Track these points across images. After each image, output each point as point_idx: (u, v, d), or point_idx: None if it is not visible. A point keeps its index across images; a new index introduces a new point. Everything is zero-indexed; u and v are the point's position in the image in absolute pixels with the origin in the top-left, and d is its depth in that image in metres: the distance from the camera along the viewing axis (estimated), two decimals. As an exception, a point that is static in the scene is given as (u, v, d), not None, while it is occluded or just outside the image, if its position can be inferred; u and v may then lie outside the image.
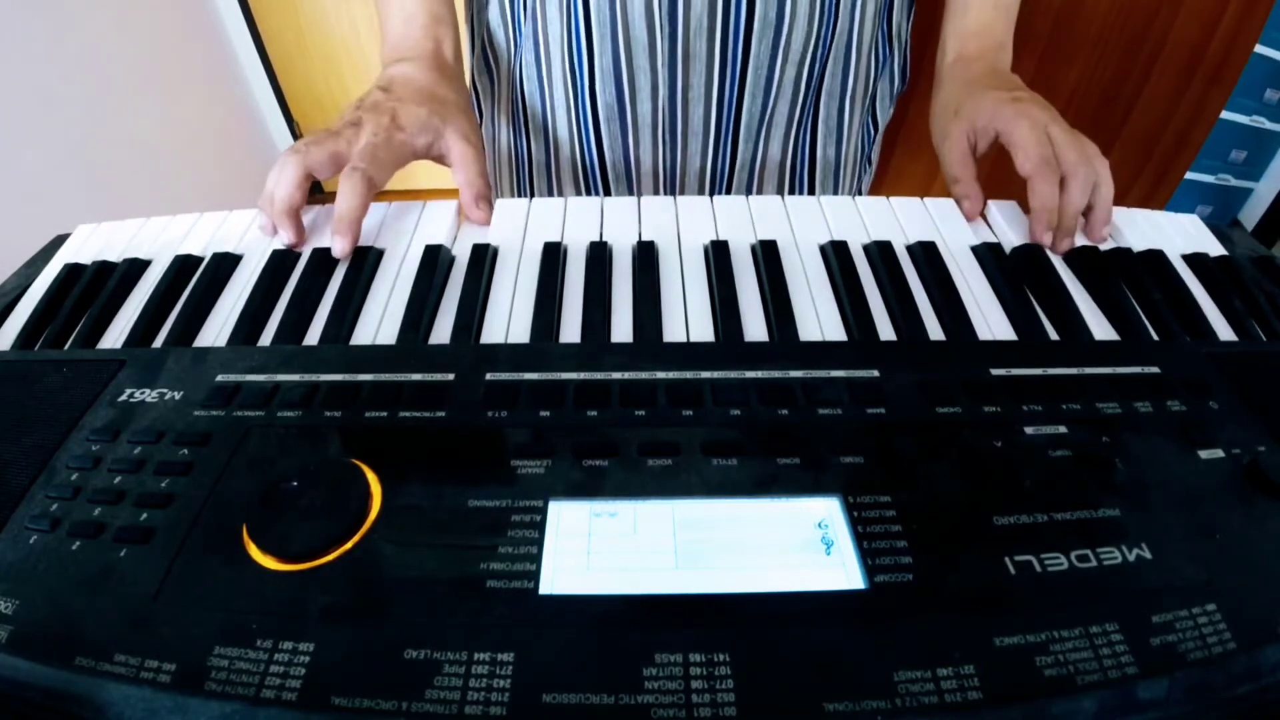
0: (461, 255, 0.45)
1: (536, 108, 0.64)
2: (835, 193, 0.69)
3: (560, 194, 0.68)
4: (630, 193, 0.66)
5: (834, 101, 0.63)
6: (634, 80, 0.58)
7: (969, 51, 0.56)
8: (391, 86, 0.51)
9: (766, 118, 0.61)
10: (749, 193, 0.66)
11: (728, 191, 0.66)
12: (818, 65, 0.60)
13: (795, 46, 0.57)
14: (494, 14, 0.62)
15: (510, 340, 0.39)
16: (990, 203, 0.49)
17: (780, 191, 0.66)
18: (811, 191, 0.67)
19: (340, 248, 0.44)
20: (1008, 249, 0.46)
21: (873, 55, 0.63)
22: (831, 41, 0.59)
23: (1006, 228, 0.47)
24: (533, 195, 0.69)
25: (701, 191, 0.65)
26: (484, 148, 0.53)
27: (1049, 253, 0.45)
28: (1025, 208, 0.49)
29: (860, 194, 0.74)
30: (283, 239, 0.46)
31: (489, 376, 0.34)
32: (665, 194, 0.65)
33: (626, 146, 0.63)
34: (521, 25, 0.61)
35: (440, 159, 0.51)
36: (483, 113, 0.71)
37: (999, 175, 0.53)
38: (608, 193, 0.66)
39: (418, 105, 0.50)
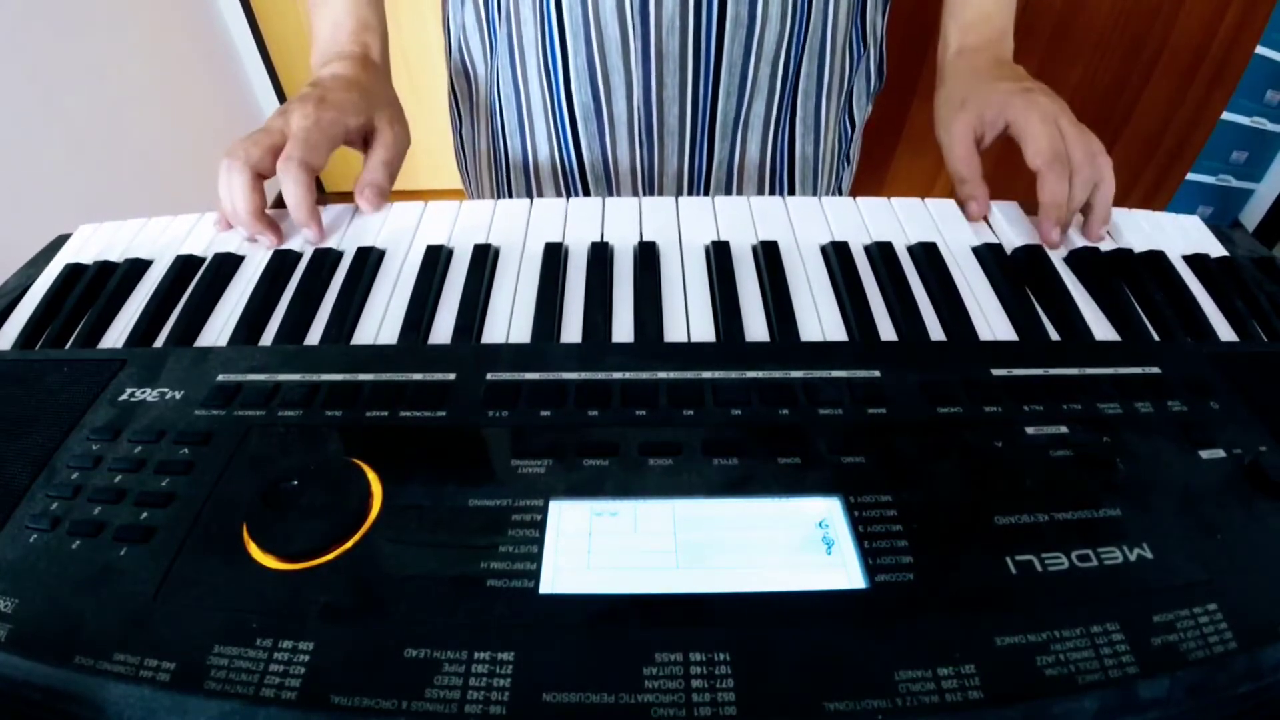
0: (463, 255, 0.45)
1: (514, 109, 0.64)
2: (814, 192, 0.68)
3: (540, 195, 0.67)
4: (610, 194, 0.65)
5: (811, 100, 0.63)
6: (609, 79, 0.58)
7: (971, 42, 0.56)
8: (319, 82, 0.52)
9: (742, 117, 0.61)
10: (728, 194, 0.66)
11: (706, 193, 0.65)
12: (793, 63, 0.59)
13: (769, 44, 0.57)
14: (470, 17, 0.63)
15: (511, 340, 0.39)
16: (992, 204, 0.49)
17: (760, 192, 0.66)
18: (791, 191, 0.67)
19: (312, 236, 0.46)
20: (1009, 250, 0.45)
21: (847, 52, 0.63)
22: (805, 39, 0.58)
23: (1009, 229, 0.47)
24: (512, 196, 0.68)
25: (680, 193, 0.65)
26: (408, 142, 0.54)
27: (1050, 253, 0.45)
28: (1027, 209, 0.49)
29: (840, 193, 0.73)
30: (265, 243, 0.46)
31: (490, 376, 0.34)
32: (644, 195, 0.65)
33: (604, 147, 0.62)
34: (497, 28, 0.61)
35: (369, 142, 0.52)
36: (461, 116, 0.70)
37: (1000, 173, 0.53)
38: (587, 194, 0.66)
39: (345, 92, 0.51)
